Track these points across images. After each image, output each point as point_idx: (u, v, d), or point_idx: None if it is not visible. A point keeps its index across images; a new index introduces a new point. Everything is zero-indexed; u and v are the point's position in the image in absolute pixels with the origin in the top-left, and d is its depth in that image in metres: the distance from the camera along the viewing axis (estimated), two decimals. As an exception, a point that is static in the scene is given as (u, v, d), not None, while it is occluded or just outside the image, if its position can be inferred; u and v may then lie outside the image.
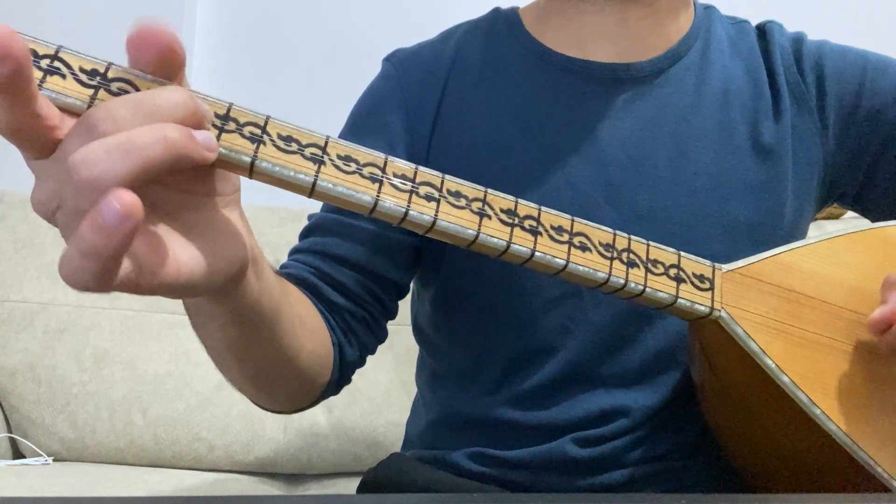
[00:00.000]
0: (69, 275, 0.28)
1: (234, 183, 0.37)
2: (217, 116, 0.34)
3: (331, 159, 0.36)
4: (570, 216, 0.43)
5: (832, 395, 0.49)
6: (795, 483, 0.54)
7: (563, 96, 0.62)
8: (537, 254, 0.41)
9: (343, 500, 0.48)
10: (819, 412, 0.48)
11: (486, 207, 0.40)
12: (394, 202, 0.38)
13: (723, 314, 0.47)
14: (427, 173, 0.39)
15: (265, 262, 0.43)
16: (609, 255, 0.44)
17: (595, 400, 0.59)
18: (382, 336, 0.65)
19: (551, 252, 0.42)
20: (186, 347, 1.21)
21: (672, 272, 0.46)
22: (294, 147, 0.35)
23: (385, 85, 0.67)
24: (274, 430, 1.18)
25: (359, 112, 0.68)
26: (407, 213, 0.38)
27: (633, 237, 0.46)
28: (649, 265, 0.45)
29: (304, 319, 0.53)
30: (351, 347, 0.61)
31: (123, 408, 1.15)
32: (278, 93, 1.62)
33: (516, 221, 0.41)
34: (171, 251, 0.32)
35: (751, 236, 0.59)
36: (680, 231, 0.59)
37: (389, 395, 1.22)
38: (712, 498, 0.44)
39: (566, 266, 0.42)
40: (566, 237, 0.43)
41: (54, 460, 1.15)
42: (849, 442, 0.48)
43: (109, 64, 0.32)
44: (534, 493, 0.58)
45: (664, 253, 0.46)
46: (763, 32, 0.66)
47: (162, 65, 0.32)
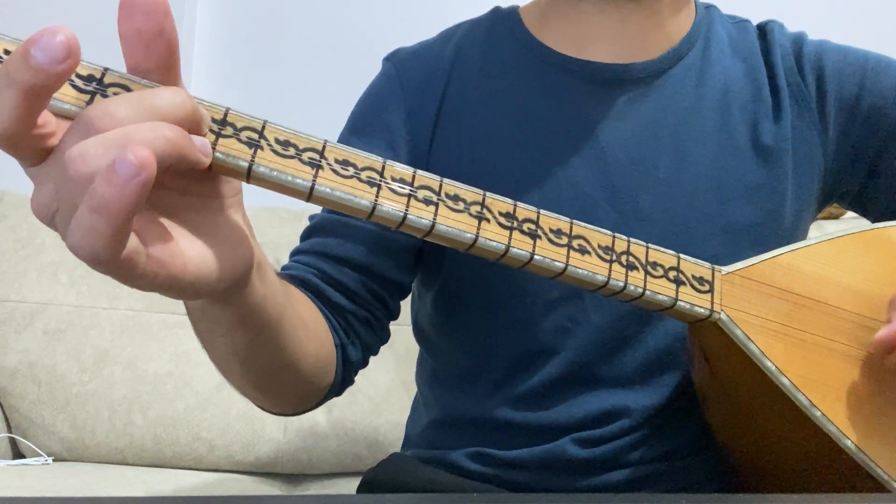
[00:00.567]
0: (79, 240, 0.28)
1: (235, 185, 0.37)
2: (214, 121, 0.34)
3: (328, 164, 0.36)
4: (569, 219, 0.43)
5: (832, 397, 0.49)
6: (795, 483, 0.54)
7: (564, 97, 0.62)
8: (536, 257, 0.41)
9: (343, 500, 0.48)
10: (819, 414, 0.48)
11: (485, 211, 0.40)
12: (392, 206, 0.37)
13: (722, 316, 0.47)
14: (425, 177, 0.39)
15: (268, 266, 0.43)
16: (608, 258, 0.44)
17: (595, 400, 0.59)
18: (385, 336, 0.65)
19: (550, 255, 0.42)
20: (186, 347, 1.20)
21: (671, 274, 0.46)
22: (291, 152, 0.35)
23: (385, 85, 0.67)
24: (274, 431, 1.18)
25: (359, 112, 0.68)
26: (405, 217, 0.38)
27: (633, 239, 0.45)
28: (648, 267, 0.45)
29: (307, 321, 0.53)
30: (354, 348, 0.61)
31: (123, 408, 1.15)
32: (278, 93, 1.62)
33: (515, 225, 0.41)
34: (179, 245, 0.32)
35: (751, 237, 0.59)
36: (680, 232, 0.58)
37: (389, 395, 1.22)
38: (712, 498, 0.44)
39: (565, 269, 0.42)
40: (565, 240, 0.43)
41: (54, 460, 1.15)
42: (849, 443, 0.48)
43: (106, 69, 0.32)
44: (534, 493, 0.58)
45: (664, 255, 0.46)
46: (763, 32, 0.66)
47: (153, 40, 0.31)
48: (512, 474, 0.60)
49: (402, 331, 0.69)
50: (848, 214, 1.29)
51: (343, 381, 0.61)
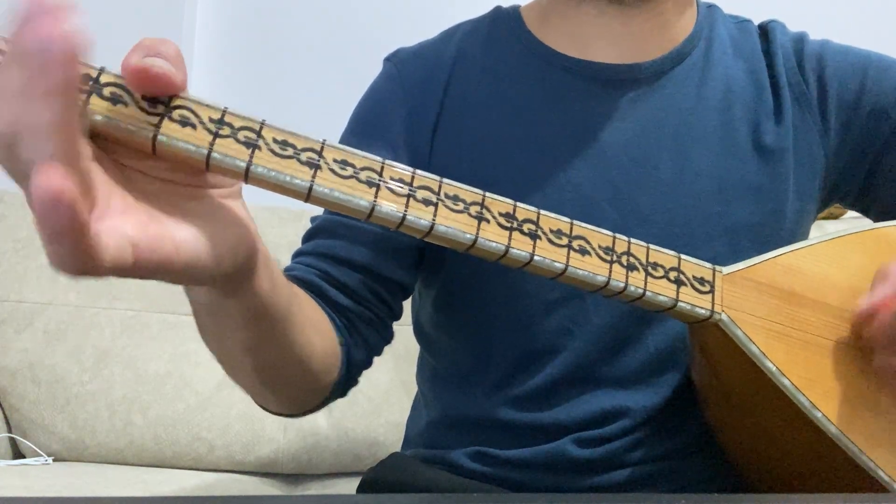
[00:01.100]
0: (53, 263, 0.28)
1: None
2: (212, 121, 0.34)
3: (327, 164, 0.36)
4: (570, 219, 0.43)
5: (833, 398, 0.49)
6: (795, 484, 0.54)
7: (566, 97, 0.62)
8: (536, 258, 0.41)
9: (343, 500, 0.48)
10: (820, 415, 0.48)
11: (485, 211, 0.40)
12: (391, 207, 0.37)
13: (723, 317, 0.47)
14: (424, 177, 0.39)
15: (273, 259, 0.43)
16: (609, 259, 0.44)
17: (596, 401, 0.59)
18: (389, 337, 0.65)
19: (550, 256, 0.42)
20: (186, 347, 1.20)
21: (672, 275, 0.46)
22: (290, 152, 0.35)
23: (386, 85, 0.67)
24: (274, 431, 1.18)
25: (360, 113, 0.67)
26: (404, 218, 0.38)
27: (633, 240, 0.45)
28: (649, 268, 0.45)
29: (313, 319, 0.53)
30: (357, 348, 0.61)
31: (123, 408, 1.15)
32: (278, 93, 1.62)
33: (515, 225, 0.41)
34: (166, 229, 0.32)
35: (752, 238, 0.59)
36: (682, 233, 0.58)
37: (389, 395, 1.22)
38: (712, 498, 0.44)
39: (565, 270, 0.42)
40: (565, 241, 0.43)
41: (54, 460, 1.15)
42: (849, 444, 0.48)
43: (102, 69, 0.31)
44: (534, 494, 0.57)
45: (664, 255, 0.46)
46: (765, 32, 0.66)
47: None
48: (512, 474, 0.60)
49: (403, 331, 0.69)
50: (848, 214, 1.29)
51: (347, 382, 0.61)
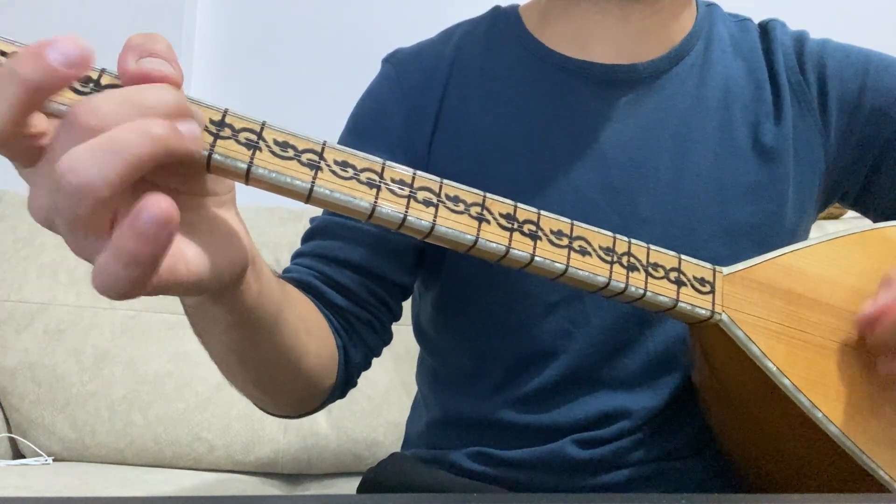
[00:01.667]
0: (108, 285, 0.29)
1: (228, 183, 0.37)
2: (212, 122, 0.34)
3: (328, 165, 0.36)
4: (570, 220, 0.43)
5: (834, 398, 0.49)
6: (796, 484, 0.53)
7: (565, 98, 0.62)
8: (537, 258, 0.41)
9: (343, 500, 0.48)
10: (821, 415, 0.48)
11: (485, 212, 0.40)
12: (392, 208, 0.37)
13: (723, 318, 0.47)
14: (425, 178, 0.39)
15: (263, 263, 0.43)
16: (609, 259, 0.44)
17: (596, 402, 0.59)
18: (388, 337, 0.65)
19: (551, 256, 0.42)
20: (186, 347, 1.20)
21: (672, 275, 0.46)
22: (290, 153, 0.35)
23: (385, 86, 0.67)
24: (274, 431, 1.18)
25: (359, 114, 0.67)
26: (405, 219, 0.38)
27: (633, 240, 0.45)
28: (649, 268, 0.45)
29: (308, 322, 0.53)
30: (356, 350, 0.61)
31: (123, 408, 1.15)
32: (278, 93, 1.61)
33: (515, 226, 0.41)
34: (178, 248, 0.32)
35: (752, 238, 0.59)
36: (681, 233, 0.58)
37: (389, 395, 1.22)
38: (712, 498, 0.44)
39: (566, 270, 0.42)
40: (566, 241, 0.42)
41: (54, 460, 1.15)
42: (850, 445, 0.48)
43: (103, 70, 0.31)
44: (534, 494, 0.57)
45: (665, 256, 0.46)
46: (765, 31, 0.66)
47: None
48: (512, 474, 0.60)
49: (403, 331, 0.69)
50: (848, 214, 1.29)
51: (346, 383, 0.61)
